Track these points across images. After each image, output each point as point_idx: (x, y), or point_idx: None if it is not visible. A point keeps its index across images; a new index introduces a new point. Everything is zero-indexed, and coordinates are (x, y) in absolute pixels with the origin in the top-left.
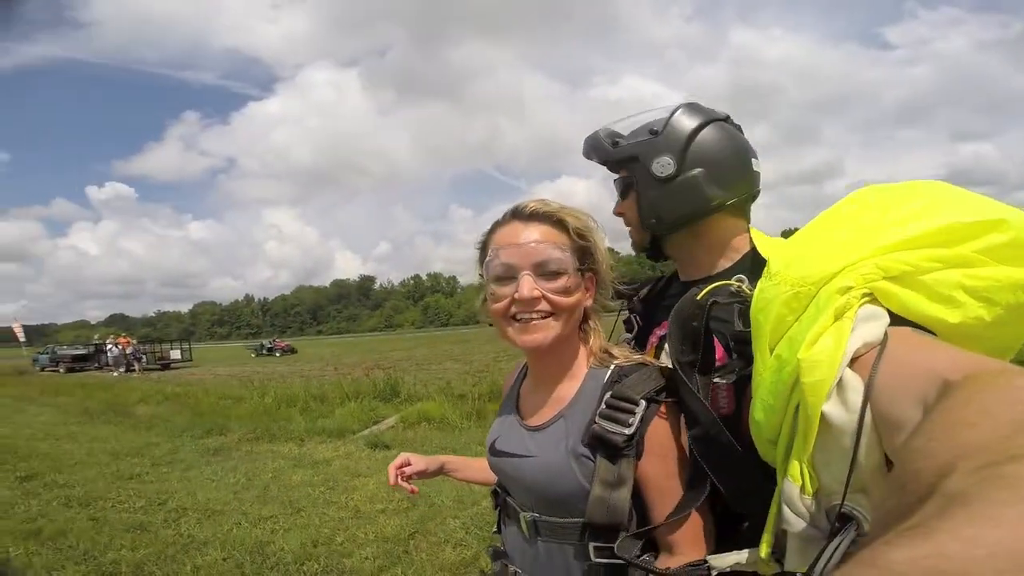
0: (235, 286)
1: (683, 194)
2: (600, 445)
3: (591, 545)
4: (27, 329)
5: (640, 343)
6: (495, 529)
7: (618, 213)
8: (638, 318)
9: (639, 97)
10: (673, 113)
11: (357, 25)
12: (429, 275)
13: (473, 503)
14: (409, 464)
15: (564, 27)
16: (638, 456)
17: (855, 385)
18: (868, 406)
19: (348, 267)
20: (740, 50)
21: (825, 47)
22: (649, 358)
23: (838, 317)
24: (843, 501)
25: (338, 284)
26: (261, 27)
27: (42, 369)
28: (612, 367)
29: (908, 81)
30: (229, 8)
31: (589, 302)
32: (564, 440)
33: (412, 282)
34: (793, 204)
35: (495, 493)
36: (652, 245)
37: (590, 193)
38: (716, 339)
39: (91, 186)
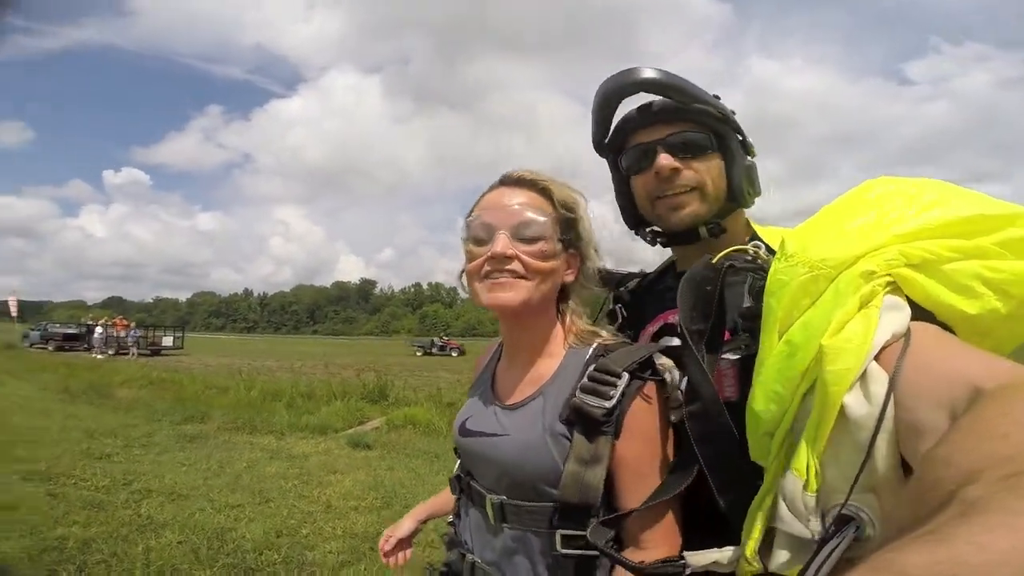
0: (236, 279)
1: (756, 175)
2: (578, 420)
3: (558, 534)
4: (23, 305)
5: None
6: (450, 519)
7: (689, 171)
8: (623, 309)
9: None
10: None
11: (385, 32)
12: (430, 285)
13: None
14: (393, 537)
15: (586, 50)
16: (616, 435)
17: (880, 377)
18: (891, 401)
19: (351, 270)
20: (759, 80)
21: (845, 81)
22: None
23: (864, 304)
24: (847, 500)
25: (339, 285)
26: (293, 26)
27: (31, 345)
28: (595, 344)
29: (925, 118)
30: (264, 4)
31: (570, 278)
32: (541, 418)
33: (413, 290)
34: None
35: (458, 479)
36: (717, 217)
37: (599, 217)
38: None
39: (107, 170)
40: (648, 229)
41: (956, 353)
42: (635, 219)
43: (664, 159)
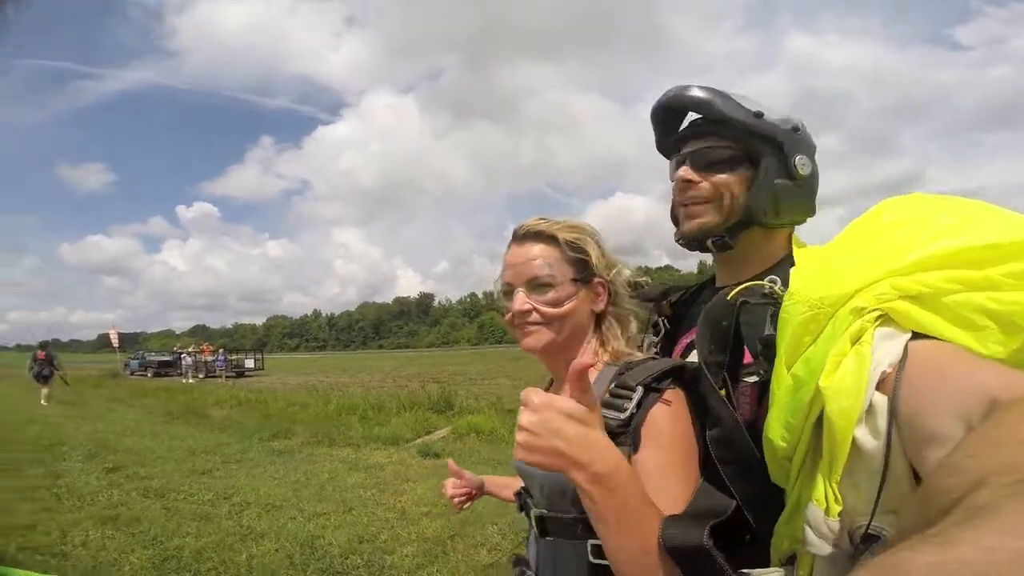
0: (305, 301)
1: (804, 197)
2: None
3: (589, 543)
4: (121, 336)
5: (665, 349)
6: (524, 538)
7: (706, 183)
8: (665, 322)
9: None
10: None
11: (410, 52)
12: (485, 293)
13: (513, 512)
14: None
15: (613, 46)
16: (635, 447)
17: (884, 409)
18: (895, 427)
19: (409, 285)
20: (799, 57)
21: (892, 51)
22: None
23: (854, 341)
24: (870, 523)
25: (400, 301)
26: (328, 54)
27: (132, 373)
28: (622, 363)
29: (988, 83)
30: (296, 36)
31: (601, 307)
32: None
33: (468, 300)
34: None
35: (519, 495)
36: (728, 231)
37: (647, 209)
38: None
39: (180, 205)
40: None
41: (973, 366)
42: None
43: (683, 171)
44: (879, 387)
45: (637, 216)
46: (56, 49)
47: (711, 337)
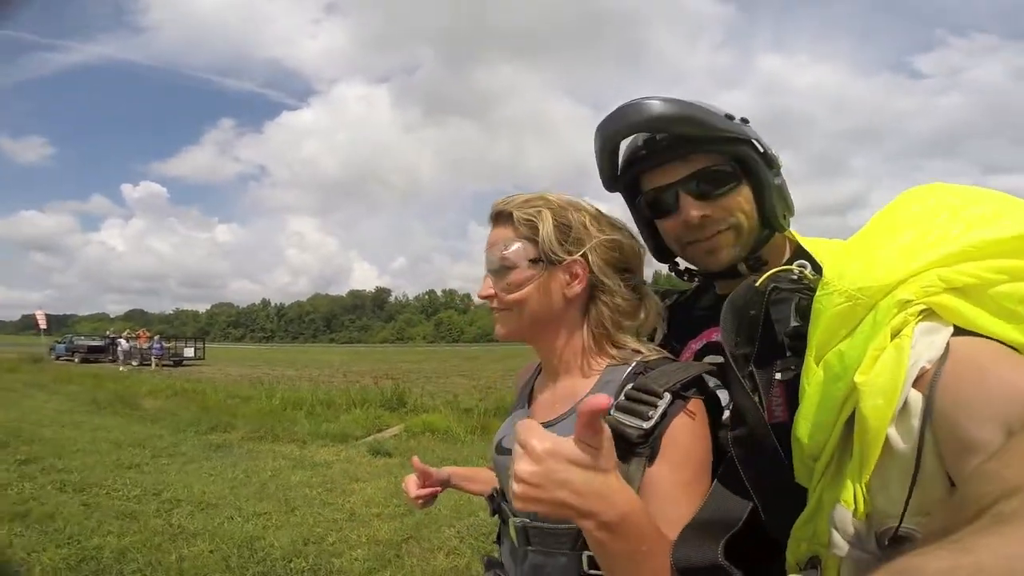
0: (253, 289)
1: (787, 192)
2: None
3: (584, 555)
4: (49, 319)
5: None
6: (495, 539)
7: (718, 212)
8: (663, 324)
9: None
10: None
11: (391, 43)
12: (444, 291)
13: (471, 513)
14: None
15: (595, 53)
16: (652, 458)
17: (919, 408)
18: (929, 427)
19: (365, 278)
20: (769, 77)
21: (857, 76)
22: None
23: (895, 335)
24: (900, 524)
25: (354, 294)
26: (302, 40)
27: (57, 358)
28: (635, 361)
29: (939, 111)
30: (275, 20)
31: (576, 290)
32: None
33: (427, 297)
34: (819, 234)
35: (491, 497)
36: (754, 249)
37: (613, 215)
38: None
39: (126, 184)
40: (682, 265)
41: (1016, 369)
42: (663, 253)
43: (692, 209)
44: (915, 384)
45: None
46: (16, 19)
47: (737, 328)
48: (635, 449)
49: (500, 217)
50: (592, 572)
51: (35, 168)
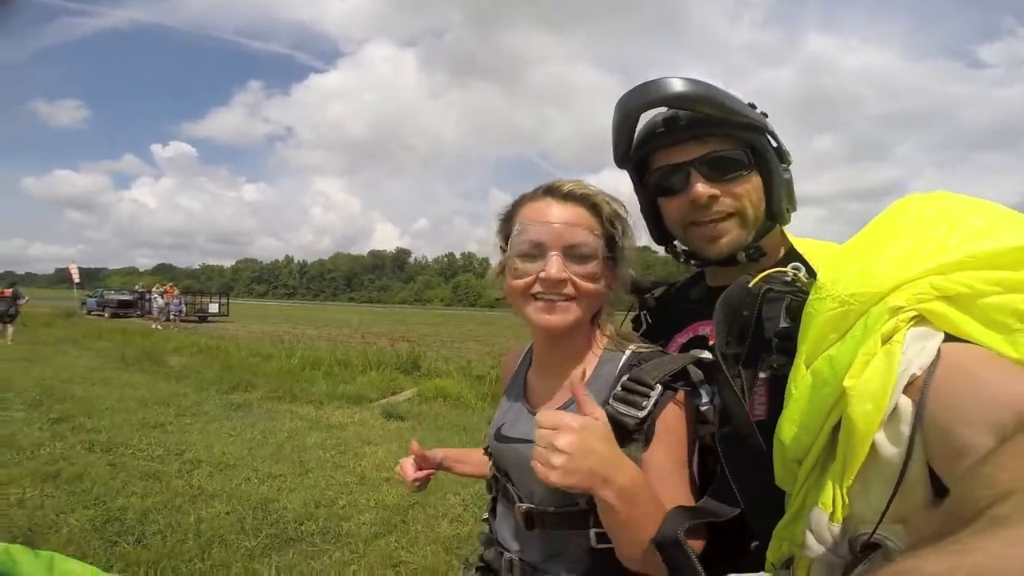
0: (278, 246)
1: (793, 188)
2: (611, 428)
3: (592, 532)
4: (81, 272)
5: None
6: (485, 516)
7: (727, 195)
8: (647, 316)
9: None
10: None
11: (421, 5)
12: (463, 254)
13: (474, 482)
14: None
15: (629, 22)
16: (647, 443)
17: (909, 414)
18: (918, 433)
19: (387, 239)
20: (814, 57)
21: (910, 60)
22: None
23: (885, 341)
24: (874, 531)
25: (375, 254)
26: (331, 2)
27: (89, 312)
28: (628, 351)
29: (997, 102)
30: None
31: (607, 290)
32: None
33: (446, 260)
34: (848, 220)
35: (495, 479)
36: (756, 239)
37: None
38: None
39: (156, 144)
40: (680, 248)
41: (1008, 375)
42: (663, 235)
43: (701, 186)
44: (906, 390)
45: (624, 195)
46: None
47: (729, 327)
48: (632, 435)
49: (583, 201)
50: (601, 546)
51: (69, 130)
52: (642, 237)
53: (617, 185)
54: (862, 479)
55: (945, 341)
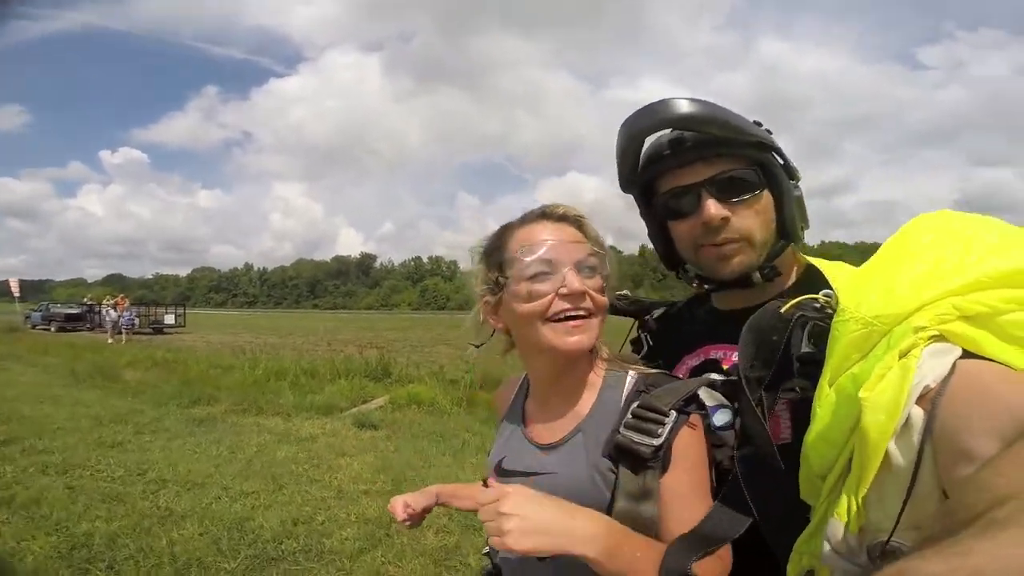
0: (236, 254)
1: (804, 206)
2: (623, 456)
3: None
4: (25, 284)
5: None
6: (485, 549)
7: (738, 217)
8: (648, 338)
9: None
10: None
11: (387, 10)
12: (430, 258)
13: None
14: (412, 509)
15: (594, 28)
16: (664, 469)
17: (920, 424)
18: (928, 443)
19: (351, 244)
20: (769, 60)
21: (858, 64)
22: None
23: (903, 355)
24: (890, 538)
25: (339, 260)
26: (294, 6)
27: (34, 327)
28: (633, 376)
29: (937, 103)
30: None
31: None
32: (584, 453)
33: (413, 264)
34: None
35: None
36: (769, 259)
37: (599, 191)
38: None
39: (105, 151)
40: (692, 273)
41: (1017, 386)
42: (673, 260)
43: (713, 207)
44: (919, 401)
45: (588, 196)
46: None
47: (755, 352)
48: (647, 464)
49: (577, 223)
50: None
51: (10, 135)
52: (608, 238)
53: (579, 188)
54: (877, 488)
55: (962, 357)
